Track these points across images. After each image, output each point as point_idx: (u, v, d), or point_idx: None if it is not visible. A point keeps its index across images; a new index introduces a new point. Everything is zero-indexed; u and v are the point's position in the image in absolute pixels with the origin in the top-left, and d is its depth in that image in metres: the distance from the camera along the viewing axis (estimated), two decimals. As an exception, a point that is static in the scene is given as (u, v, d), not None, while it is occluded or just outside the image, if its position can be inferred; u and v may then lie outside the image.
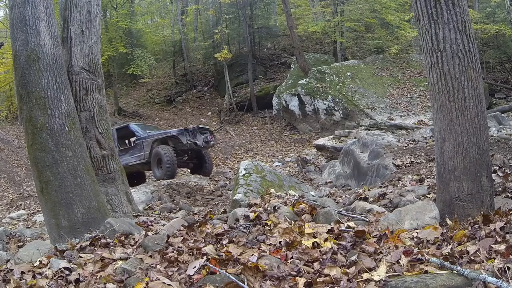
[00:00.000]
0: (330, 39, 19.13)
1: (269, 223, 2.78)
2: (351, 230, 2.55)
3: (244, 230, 2.75)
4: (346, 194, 5.16)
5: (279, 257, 2.18)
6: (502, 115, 9.14)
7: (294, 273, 1.97)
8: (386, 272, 1.91)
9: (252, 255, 2.16)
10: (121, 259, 2.59)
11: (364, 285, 1.83)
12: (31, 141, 3.75)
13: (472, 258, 1.91)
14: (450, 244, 2.15)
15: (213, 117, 19.16)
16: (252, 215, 2.96)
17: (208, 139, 10.21)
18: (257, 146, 14.56)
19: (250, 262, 2.05)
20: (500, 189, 3.38)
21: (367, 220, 2.93)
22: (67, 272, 2.42)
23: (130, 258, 2.55)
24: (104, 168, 4.84)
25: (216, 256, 2.20)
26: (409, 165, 5.68)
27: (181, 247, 2.50)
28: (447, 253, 2.00)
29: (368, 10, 16.44)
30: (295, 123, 14.90)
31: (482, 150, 2.58)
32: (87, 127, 4.77)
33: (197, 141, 9.78)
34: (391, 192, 4.24)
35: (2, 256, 3.16)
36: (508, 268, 1.73)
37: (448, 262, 1.88)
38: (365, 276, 1.90)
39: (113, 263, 2.52)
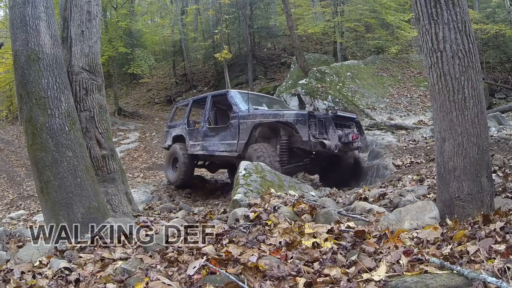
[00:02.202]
0: (330, 39, 19.13)
1: (269, 223, 2.78)
2: (351, 230, 2.55)
3: (244, 230, 2.75)
4: (346, 194, 5.16)
5: (279, 257, 2.18)
6: (502, 115, 9.14)
7: (294, 273, 1.97)
8: (386, 272, 1.90)
9: (252, 255, 2.16)
10: (121, 259, 2.60)
11: (364, 285, 1.83)
12: (31, 141, 3.75)
13: (472, 258, 1.91)
14: (450, 244, 2.15)
15: (213, 117, 19.17)
16: (252, 215, 2.97)
17: (350, 138, 5.99)
18: (257, 146, 14.53)
19: (250, 262, 2.05)
20: (500, 189, 3.38)
21: (367, 220, 2.93)
22: (67, 272, 2.43)
23: (130, 258, 2.55)
24: (104, 168, 4.84)
25: (216, 256, 2.20)
26: (409, 165, 5.68)
27: (181, 247, 2.50)
28: (447, 253, 2.00)
29: (368, 10, 16.45)
30: (295, 123, 14.85)
31: (482, 150, 2.58)
32: (87, 127, 4.77)
33: (326, 140, 5.62)
34: (391, 192, 4.24)
35: (2, 256, 3.15)
36: (508, 268, 1.73)
37: (448, 262, 1.88)
38: (365, 276, 1.90)
39: (113, 263, 2.52)
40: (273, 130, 6.27)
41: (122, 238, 3.04)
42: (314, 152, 6.08)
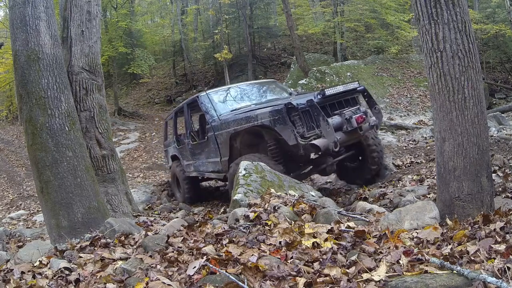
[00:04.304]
0: (330, 39, 19.14)
1: (269, 223, 2.78)
2: (351, 230, 2.55)
3: (244, 230, 2.74)
4: (346, 194, 5.16)
5: (279, 257, 2.18)
6: (502, 115, 9.14)
7: (294, 273, 1.97)
8: (386, 272, 1.90)
9: (252, 255, 2.16)
10: (121, 259, 2.60)
11: (364, 285, 1.83)
12: (31, 141, 3.75)
13: (472, 258, 1.91)
14: (450, 244, 2.15)
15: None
16: (252, 215, 2.96)
17: (355, 122, 4.50)
18: (257, 146, 14.52)
19: (250, 262, 2.05)
20: (500, 189, 3.38)
21: (367, 220, 2.93)
22: (67, 272, 2.43)
23: (130, 258, 2.55)
24: (104, 168, 4.85)
25: (216, 256, 2.20)
26: (409, 165, 5.68)
27: (181, 247, 2.50)
28: (447, 253, 2.00)
29: (368, 10, 16.45)
30: (295, 123, 14.82)
31: (482, 150, 2.58)
32: (87, 127, 4.78)
33: (319, 139, 4.22)
34: (391, 192, 4.24)
35: (2, 256, 3.16)
36: (508, 268, 1.73)
37: (448, 262, 1.88)
38: (365, 276, 1.90)
39: (113, 263, 2.52)
40: (256, 134, 4.87)
41: (122, 238, 3.04)
42: (313, 157, 4.87)
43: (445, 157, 2.64)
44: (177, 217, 4.73)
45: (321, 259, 2.12)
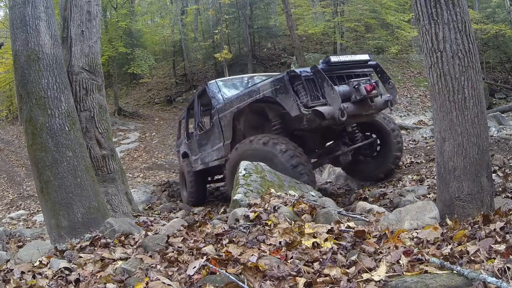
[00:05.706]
0: (330, 39, 19.15)
1: (269, 223, 2.78)
2: (351, 230, 2.55)
3: (244, 230, 2.74)
4: (346, 194, 5.16)
5: (279, 257, 2.18)
6: (502, 115, 9.14)
7: (294, 273, 1.97)
8: (386, 272, 1.90)
9: (252, 255, 2.16)
10: (121, 259, 2.59)
11: (364, 285, 1.83)
12: (31, 141, 3.75)
13: (472, 258, 1.91)
14: (450, 244, 2.15)
15: (213, 117, 19.11)
16: (252, 215, 2.96)
17: (364, 90, 4.03)
18: (257, 146, 14.51)
19: (250, 262, 2.05)
20: (500, 189, 3.38)
21: (367, 220, 2.93)
22: (67, 272, 2.43)
23: (130, 258, 2.55)
24: (104, 168, 4.85)
25: (216, 256, 2.20)
26: (409, 165, 5.68)
27: (181, 247, 2.50)
28: (447, 253, 2.00)
29: (368, 10, 16.47)
30: (295, 123, 14.81)
31: (482, 150, 2.58)
32: (87, 127, 4.78)
33: (323, 106, 3.90)
34: (391, 192, 4.24)
35: (2, 256, 3.16)
36: (508, 268, 1.73)
37: (448, 262, 1.88)
38: (365, 276, 1.90)
39: (113, 263, 2.52)
40: (260, 113, 4.65)
41: (122, 238, 3.04)
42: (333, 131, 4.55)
43: (445, 157, 2.64)
44: (177, 217, 4.73)
45: (321, 259, 2.12)
